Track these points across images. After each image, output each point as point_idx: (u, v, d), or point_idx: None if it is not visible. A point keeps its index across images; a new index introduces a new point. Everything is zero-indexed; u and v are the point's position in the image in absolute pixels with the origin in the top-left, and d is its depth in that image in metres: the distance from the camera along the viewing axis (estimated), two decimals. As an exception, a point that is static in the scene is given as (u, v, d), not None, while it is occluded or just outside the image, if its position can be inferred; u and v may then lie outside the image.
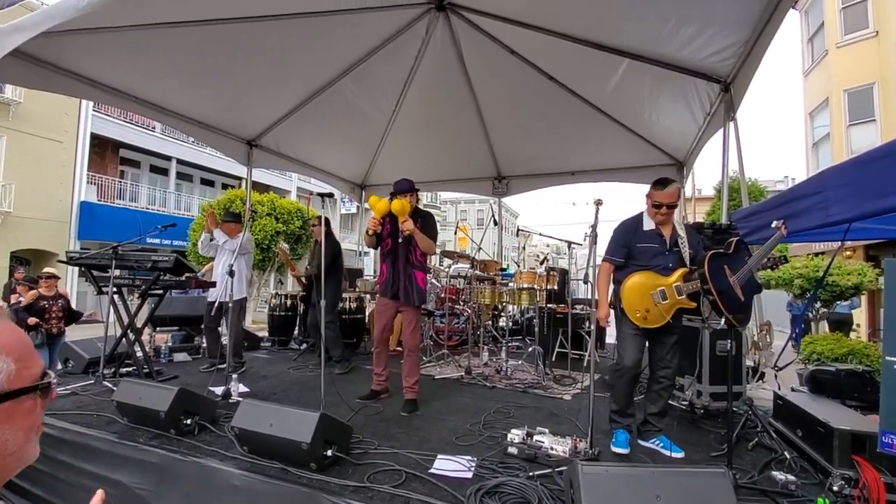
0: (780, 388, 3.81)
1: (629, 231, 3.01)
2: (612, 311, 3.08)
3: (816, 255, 10.64)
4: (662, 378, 2.95)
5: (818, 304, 9.06)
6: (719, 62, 3.76)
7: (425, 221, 3.63)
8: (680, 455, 2.76)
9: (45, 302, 5.41)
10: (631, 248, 2.97)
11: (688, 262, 2.86)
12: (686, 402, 3.56)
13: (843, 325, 9.87)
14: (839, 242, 5.27)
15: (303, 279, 5.97)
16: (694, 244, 2.91)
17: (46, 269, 5.86)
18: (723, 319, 2.43)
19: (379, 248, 3.77)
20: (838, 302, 9.71)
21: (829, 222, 2.72)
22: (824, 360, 6.11)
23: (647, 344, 2.95)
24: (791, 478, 2.39)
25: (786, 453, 2.69)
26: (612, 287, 3.04)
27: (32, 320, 5.13)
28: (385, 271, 3.70)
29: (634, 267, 2.93)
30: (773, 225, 2.51)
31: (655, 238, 2.90)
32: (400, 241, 3.61)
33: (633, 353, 2.87)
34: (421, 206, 3.86)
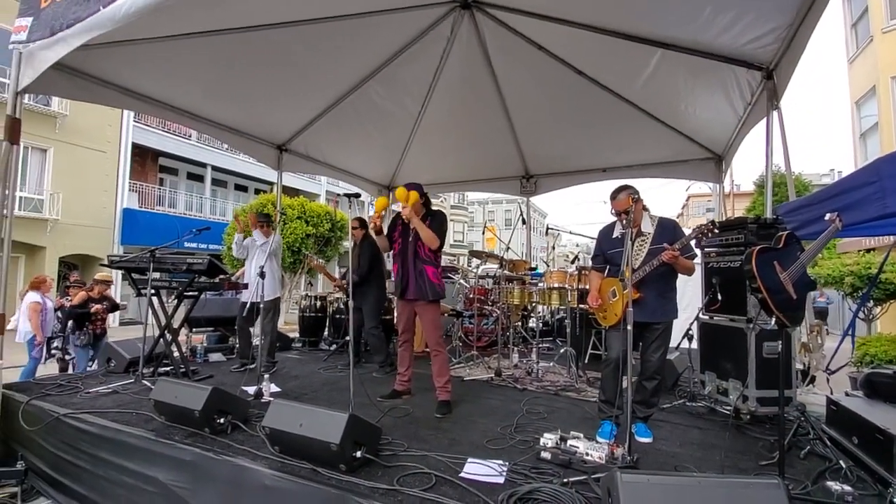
0: (832, 393, 3.58)
1: (602, 239, 3.28)
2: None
3: (867, 251, 10.03)
4: (644, 371, 3.09)
5: (870, 304, 8.54)
6: (761, 48, 3.56)
7: (434, 218, 3.70)
8: (648, 440, 2.97)
9: (94, 304, 5.68)
10: (605, 255, 3.23)
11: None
12: (731, 408, 3.37)
13: (823, 317, 12.99)
14: (894, 237, 4.95)
15: (345, 286, 5.58)
16: (665, 237, 2.95)
17: (101, 275, 6.11)
18: (773, 319, 2.28)
19: (392, 250, 3.87)
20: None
21: (886, 213, 2.55)
22: (878, 362, 5.74)
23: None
24: (847, 488, 2.23)
25: (841, 462, 2.51)
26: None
27: (95, 305, 5.63)
28: (397, 270, 3.76)
29: (612, 272, 3.14)
30: (826, 218, 2.35)
31: (621, 243, 2.94)
32: (410, 239, 3.65)
33: (616, 346, 3.03)
34: (448, 207, 3.89)
